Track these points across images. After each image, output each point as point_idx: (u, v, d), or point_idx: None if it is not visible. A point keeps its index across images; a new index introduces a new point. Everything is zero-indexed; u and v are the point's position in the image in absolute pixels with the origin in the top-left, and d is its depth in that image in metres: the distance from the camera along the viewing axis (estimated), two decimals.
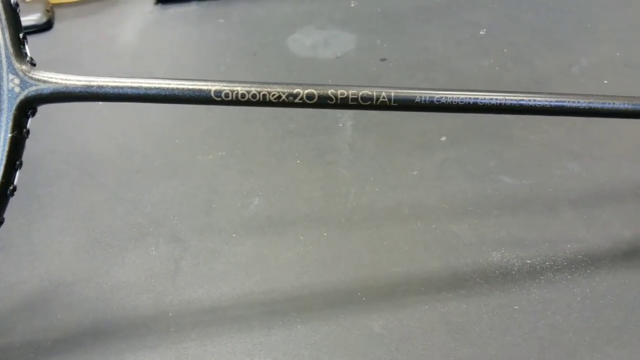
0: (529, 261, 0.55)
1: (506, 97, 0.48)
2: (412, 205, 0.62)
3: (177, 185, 0.67)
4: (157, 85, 0.45)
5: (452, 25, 1.01)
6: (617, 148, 0.69)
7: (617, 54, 0.90)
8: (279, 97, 0.46)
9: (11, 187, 0.46)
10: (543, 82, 0.83)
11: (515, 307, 0.50)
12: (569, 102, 0.49)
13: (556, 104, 0.49)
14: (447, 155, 0.69)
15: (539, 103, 0.49)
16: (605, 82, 0.83)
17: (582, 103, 0.49)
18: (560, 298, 0.51)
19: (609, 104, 0.50)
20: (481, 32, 0.98)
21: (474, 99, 0.48)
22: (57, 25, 1.08)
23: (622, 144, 0.70)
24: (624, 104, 0.50)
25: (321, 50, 0.95)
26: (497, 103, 0.48)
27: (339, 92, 0.46)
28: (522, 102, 0.49)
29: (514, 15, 1.01)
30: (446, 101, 0.48)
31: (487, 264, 0.55)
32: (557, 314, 0.50)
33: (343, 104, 0.47)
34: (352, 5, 1.08)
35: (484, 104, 0.48)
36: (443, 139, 0.72)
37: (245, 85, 0.46)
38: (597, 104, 0.50)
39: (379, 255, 0.56)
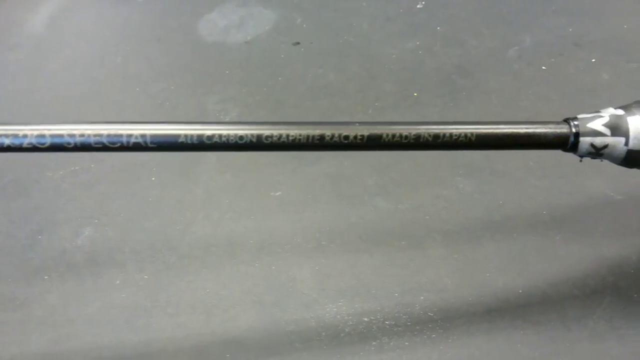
0: (366, 319, 0.45)
1: (284, 133, 0.38)
2: (260, 238, 0.53)
3: (14, 208, 0.59)
4: None
5: None
6: (530, 159, 0.57)
7: (570, 29, 0.76)
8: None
9: None
10: (468, 69, 0.71)
11: None
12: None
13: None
14: (323, 170, 0.59)
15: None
16: (544, 68, 0.70)
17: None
18: None
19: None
20: (418, 6, 0.84)
21: (246, 135, 0.37)
22: None
23: (537, 154, 0.57)
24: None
25: (232, 33, 0.84)
26: (273, 142, 0.37)
27: (77, 132, 0.37)
28: (292, 140, 0.38)
29: None
30: (220, 140, 0.37)
31: (317, 322, 0.45)
32: None
33: (84, 147, 0.37)
34: None
35: (248, 143, 0.37)
36: None
37: None
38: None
39: (195, 310, 0.47)
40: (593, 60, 0.70)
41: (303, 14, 0.86)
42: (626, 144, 0.38)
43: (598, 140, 0.39)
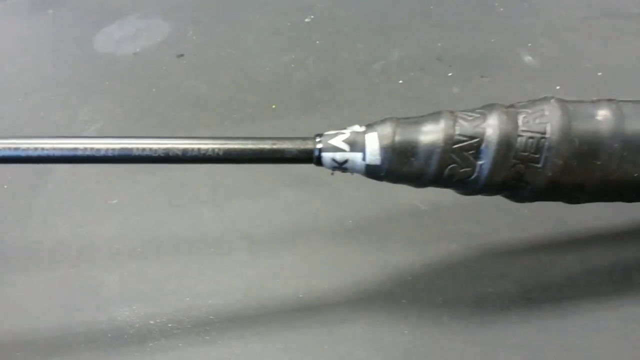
0: (152, 322, 0.48)
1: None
2: (83, 244, 0.56)
3: None
4: None
5: (282, 11, 0.90)
6: None
7: (439, 44, 0.79)
8: None
9: None
10: (331, 83, 0.74)
11: None
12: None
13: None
14: (163, 179, 0.62)
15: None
16: (401, 82, 0.72)
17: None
18: None
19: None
20: (306, 20, 0.87)
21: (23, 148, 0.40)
22: None
23: None
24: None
25: (124, 45, 0.87)
26: None
27: None
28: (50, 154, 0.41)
29: None
30: None
31: (107, 324, 0.48)
32: None
33: None
34: None
35: None
36: None
37: None
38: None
39: (2, 314, 0.50)
40: (450, 74, 0.73)
41: (197, 26, 0.89)
42: (364, 158, 0.41)
43: (339, 156, 0.41)
